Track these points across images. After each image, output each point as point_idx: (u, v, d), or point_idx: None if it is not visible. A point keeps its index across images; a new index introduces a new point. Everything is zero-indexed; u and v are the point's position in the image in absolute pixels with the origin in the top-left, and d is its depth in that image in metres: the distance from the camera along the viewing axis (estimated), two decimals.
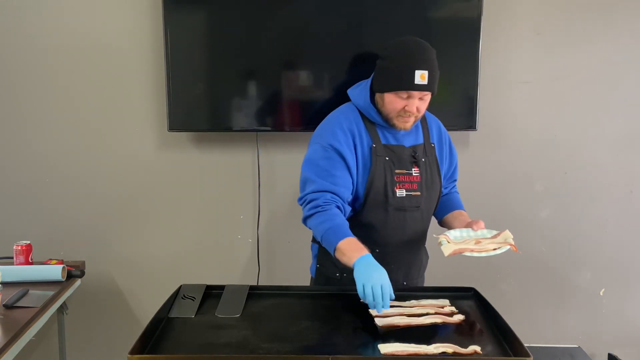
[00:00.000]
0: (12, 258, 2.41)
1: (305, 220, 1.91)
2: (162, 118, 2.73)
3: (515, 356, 1.46)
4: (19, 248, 2.39)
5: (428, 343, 1.51)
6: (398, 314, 1.69)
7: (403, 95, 1.87)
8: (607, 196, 2.89)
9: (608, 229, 2.91)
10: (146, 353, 1.47)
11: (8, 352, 1.81)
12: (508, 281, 2.94)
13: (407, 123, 1.92)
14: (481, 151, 2.83)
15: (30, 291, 2.18)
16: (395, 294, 1.67)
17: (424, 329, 1.63)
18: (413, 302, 1.79)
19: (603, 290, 2.96)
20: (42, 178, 2.84)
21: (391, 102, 1.89)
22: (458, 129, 2.64)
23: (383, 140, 1.96)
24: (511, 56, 2.77)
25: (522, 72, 2.79)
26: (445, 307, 1.75)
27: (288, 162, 2.80)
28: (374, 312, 1.70)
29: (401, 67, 1.85)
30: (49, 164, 2.83)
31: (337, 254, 1.78)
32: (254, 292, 1.87)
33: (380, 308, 1.64)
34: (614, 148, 2.85)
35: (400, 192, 1.95)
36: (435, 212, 2.12)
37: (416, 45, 1.89)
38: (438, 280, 2.18)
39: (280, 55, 2.65)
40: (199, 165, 2.84)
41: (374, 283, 1.64)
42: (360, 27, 2.63)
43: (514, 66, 2.78)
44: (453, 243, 1.84)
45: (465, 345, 1.50)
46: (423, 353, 1.46)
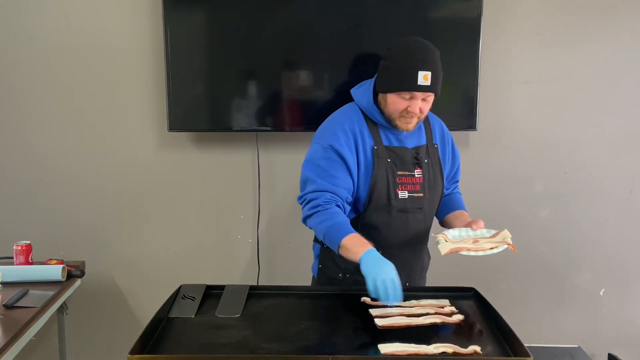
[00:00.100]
0: (12, 258, 2.40)
1: (305, 219, 1.91)
2: (162, 118, 2.73)
3: (515, 356, 1.46)
4: (19, 248, 2.39)
5: (428, 343, 1.51)
6: (398, 314, 1.68)
7: (406, 96, 1.86)
8: (607, 196, 2.89)
9: (608, 229, 2.91)
10: (146, 353, 1.47)
11: (8, 352, 1.80)
12: (508, 281, 2.94)
13: (410, 124, 1.92)
14: (481, 151, 2.83)
15: (30, 291, 2.17)
16: None
17: (424, 329, 1.63)
18: (413, 302, 1.78)
19: (603, 290, 2.96)
20: (42, 178, 2.84)
21: (394, 103, 1.88)
22: (458, 129, 2.63)
23: (385, 141, 1.96)
24: (511, 56, 2.77)
25: (522, 72, 2.79)
26: (445, 307, 1.75)
27: (288, 162, 2.80)
28: (374, 312, 1.70)
29: (404, 68, 1.84)
30: (49, 164, 2.83)
31: (342, 251, 1.78)
32: (254, 292, 1.87)
33: (393, 301, 1.64)
34: (614, 148, 2.85)
35: (402, 194, 1.95)
36: (436, 213, 2.11)
37: (419, 46, 1.88)
38: (438, 280, 2.18)
39: (280, 55, 2.65)
40: (199, 165, 2.84)
41: (385, 277, 1.64)
42: (360, 27, 2.63)
43: (514, 66, 2.78)
44: (450, 242, 1.83)
45: (465, 345, 1.50)
46: (423, 353, 1.46)
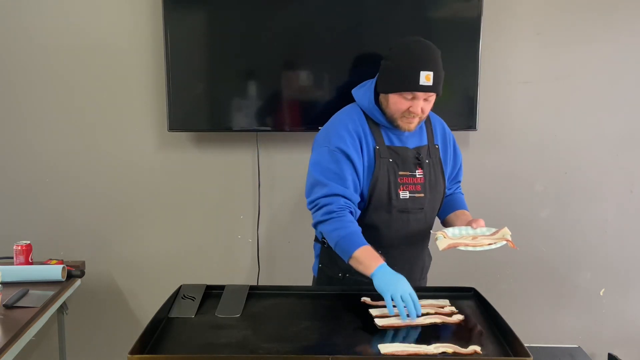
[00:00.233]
0: (12, 258, 2.40)
1: (317, 224, 1.90)
2: (162, 118, 2.73)
3: (515, 356, 1.47)
4: (19, 248, 2.39)
5: (428, 343, 1.51)
6: (398, 314, 1.68)
7: (408, 96, 1.86)
8: (607, 196, 2.88)
9: (608, 229, 2.91)
10: (146, 353, 1.47)
11: (8, 352, 1.80)
12: (508, 281, 2.94)
13: (412, 124, 1.91)
14: (481, 151, 2.83)
15: (30, 291, 2.17)
16: None
17: (424, 329, 1.63)
18: None
19: (603, 290, 2.96)
20: (42, 178, 2.84)
21: (395, 103, 1.88)
22: (458, 129, 2.63)
23: (387, 141, 1.95)
24: (511, 56, 2.77)
25: (522, 72, 2.78)
26: (445, 307, 1.75)
27: (288, 162, 2.80)
28: (374, 312, 1.71)
29: (406, 68, 1.84)
30: (49, 164, 2.83)
31: (352, 262, 1.79)
32: (254, 292, 1.87)
33: (414, 314, 1.64)
34: (614, 148, 2.85)
35: (403, 194, 1.95)
36: (438, 213, 2.11)
37: (421, 46, 1.88)
38: (438, 280, 2.18)
39: (280, 55, 2.65)
40: (199, 165, 2.84)
41: (402, 292, 1.66)
42: (360, 27, 2.63)
43: (514, 66, 2.78)
44: (449, 238, 1.83)
45: (465, 345, 1.50)
46: (423, 353, 1.46)
